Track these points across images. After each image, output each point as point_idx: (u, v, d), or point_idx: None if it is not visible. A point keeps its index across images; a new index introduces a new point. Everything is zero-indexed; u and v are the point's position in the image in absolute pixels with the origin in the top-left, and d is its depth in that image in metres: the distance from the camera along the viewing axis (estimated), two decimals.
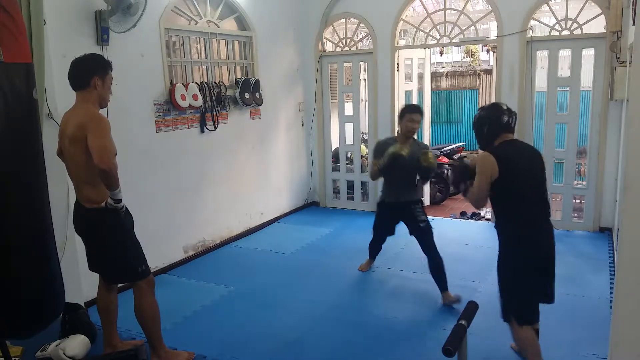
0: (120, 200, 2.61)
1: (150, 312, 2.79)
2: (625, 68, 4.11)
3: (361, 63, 6.28)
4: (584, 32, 4.94)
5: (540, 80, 5.39)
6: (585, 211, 5.28)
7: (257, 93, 5.28)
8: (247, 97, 5.13)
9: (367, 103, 6.29)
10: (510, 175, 2.47)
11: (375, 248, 4.33)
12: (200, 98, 4.55)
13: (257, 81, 5.29)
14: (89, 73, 2.61)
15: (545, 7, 5.12)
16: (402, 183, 3.78)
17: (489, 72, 8.64)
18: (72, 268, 3.39)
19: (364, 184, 6.42)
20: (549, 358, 2.91)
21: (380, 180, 3.92)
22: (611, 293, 3.61)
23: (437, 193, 6.84)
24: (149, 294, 2.79)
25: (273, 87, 5.69)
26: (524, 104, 5.22)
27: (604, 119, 4.91)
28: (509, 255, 2.60)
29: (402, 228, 3.94)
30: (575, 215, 5.51)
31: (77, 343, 2.97)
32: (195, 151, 4.68)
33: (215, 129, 4.83)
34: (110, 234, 2.68)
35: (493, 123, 2.59)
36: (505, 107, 2.62)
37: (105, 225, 2.66)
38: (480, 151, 2.74)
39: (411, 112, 3.72)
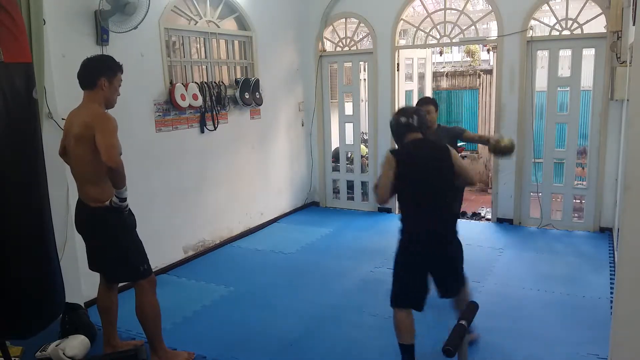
0: (125, 199, 2.63)
1: (151, 312, 2.79)
2: (626, 68, 4.10)
3: (361, 63, 6.28)
4: (584, 32, 4.94)
5: (541, 80, 5.39)
6: (585, 211, 5.28)
7: (257, 93, 5.28)
8: (247, 97, 5.13)
9: (367, 103, 6.29)
10: (404, 172, 2.64)
11: None
12: (200, 98, 4.55)
13: (257, 81, 5.28)
14: (96, 74, 2.64)
15: (545, 7, 5.12)
16: None
17: (489, 72, 8.61)
18: (72, 268, 3.39)
19: (364, 184, 6.42)
20: (549, 358, 2.91)
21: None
22: (611, 293, 3.61)
23: None
24: (150, 294, 2.79)
25: (273, 87, 5.68)
26: (524, 104, 5.22)
27: (604, 119, 4.91)
28: (397, 249, 2.74)
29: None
30: (576, 215, 5.51)
31: (77, 343, 2.97)
32: (195, 151, 4.68)
33: (215, 129, 4.82)
34: (112, 233, 2.68)
35: (394, 126, 2.80)
36: (406, 110, 2.83)
37: (108, 224, 2.66)
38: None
39: (420, 105, 3.76)
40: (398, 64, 5.81)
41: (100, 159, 2.48)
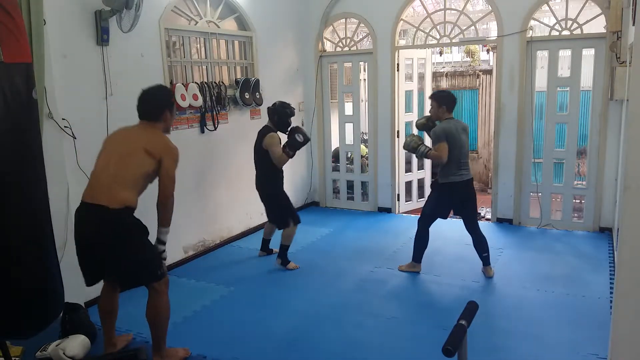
0: (164, 243, 2.74)
1: (166, 312, 2.79)
2: (625, 68, 4.11)
3: (361, 63, 6.27)
4: (584, 32, 4.94)
5: (540, 80, 5.39)
6: (585, 211, 5.28)
7: (257, 93, 5.28)
8: (247, 97, 5.13)
9: (367, 103, 6.29)
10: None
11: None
12: (200, 98, 4.55)
13: (257, 81, 5.28)
14: (162, 108, 2.81)
15: (545, 7, 5.12)
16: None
17: (489, 72, 8.59)
18: (72, 268, 3.37)
19: (364, 184, 6.42)
20: (549, 358, 2.92)
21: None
22: (611, 293, 3.61)
23: None
24: (165, 295, 2.78)
25: (273, 87, 5.68)
26: (524, 104, 5.22)
27: (604, 119, 4.91)
28: None
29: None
30: (575, 215, 5.52)
31: (77, 343, 2.97)
32: (195, 151, 4.68)
33: (215, 129, 4.82)
34: (133, 234, 2.65)
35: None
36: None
37: (128, 225, 2.63)
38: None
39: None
40: (398, 64, 5.81)
41: (151, 177, 2.68)
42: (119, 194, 2.59)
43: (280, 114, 4.30)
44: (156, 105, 2.80)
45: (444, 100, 3.99)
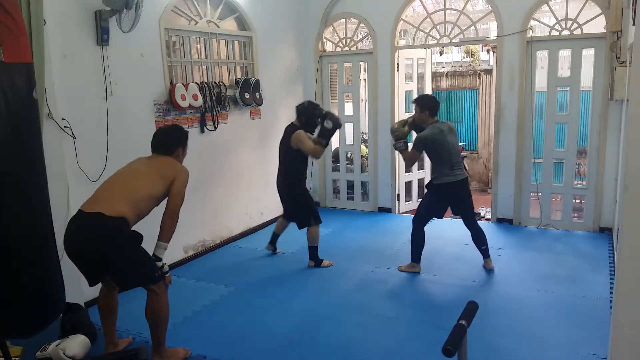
0: (160, 260, 2.78)
1: (165, 313, 2.81)
2: (625, 68, 4.11)
3: (361, 63, 6.27)
4: (584, 32, 4.94)
5: (540, 80, 5.39)
6: (585, 211, 5.28)
7: (257, 93, 5.28)
8: (247, 97, 5.13)
9: (367, 103, 6.29)
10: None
11: None
12: (200, 98, 4.55)
13: (257, 81, 5.28)
14: (176, 145, 3.03)
15: (545, 7, 5.12)
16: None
17: (489, 72, 8.59)
18: (72, 268, 3.37)
19: (364, 184, 6.42)
20: (549, 358, 2.92)
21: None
22: (611, 293, 3.62)
23: None
24: (164, 296, 2.80)
25: (273, 87, 5.68)
26: (524, 104, 5.22)
27: (604, 119, 4.91)
28: None
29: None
30: (575, 215, 5.51)
31: (77, 343, 2.97)
32: (195, 151, 4.66)
33: (215, 129, 4.82)
34: (127, 237, 2.70)
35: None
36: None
37: (122, 231, 2.66)
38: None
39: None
40: (398, 64, 5.81)
41: (157, 200, 2.83)
42: (118, 206, 2.65)
43: (309, 115, 4.22)
44: (171, 141, 3.01)
45: (424, 105, 4.04)
